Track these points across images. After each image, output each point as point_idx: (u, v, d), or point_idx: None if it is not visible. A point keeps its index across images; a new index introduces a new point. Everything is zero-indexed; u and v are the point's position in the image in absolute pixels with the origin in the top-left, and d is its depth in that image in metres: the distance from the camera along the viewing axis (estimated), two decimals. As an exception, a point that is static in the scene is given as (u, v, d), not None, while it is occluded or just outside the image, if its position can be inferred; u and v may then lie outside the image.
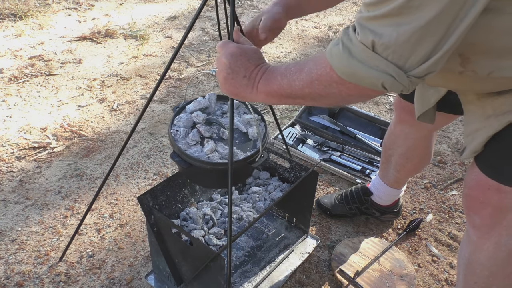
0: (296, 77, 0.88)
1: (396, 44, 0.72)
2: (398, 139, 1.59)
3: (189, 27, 1.16)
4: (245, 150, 1.24)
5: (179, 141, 1.22)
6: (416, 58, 0.73)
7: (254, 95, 0.96)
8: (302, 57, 3.24)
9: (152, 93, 1.31)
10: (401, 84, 0.76)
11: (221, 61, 0.97)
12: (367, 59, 0.76)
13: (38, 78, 2.80)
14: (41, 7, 3.76)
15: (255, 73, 0.95)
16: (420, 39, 0.71)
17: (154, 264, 1.54)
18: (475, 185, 1.05)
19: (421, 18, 0.69)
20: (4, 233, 1.75)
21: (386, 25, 0.72)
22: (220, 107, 1.38)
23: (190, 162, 1.18)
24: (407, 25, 0.70)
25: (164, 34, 3.49)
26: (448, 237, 1.84)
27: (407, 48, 0.72)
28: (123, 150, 1.49)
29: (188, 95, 2.73)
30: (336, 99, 0.89)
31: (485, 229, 1.08)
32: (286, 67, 0.92)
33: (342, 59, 0.79)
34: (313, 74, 0.86)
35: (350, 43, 0.78)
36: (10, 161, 2.12)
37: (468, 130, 1.02)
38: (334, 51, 0.81)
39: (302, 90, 0.88)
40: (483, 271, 1.13)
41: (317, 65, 0.85)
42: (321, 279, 1.62)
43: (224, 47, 0.99)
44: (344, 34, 0.80)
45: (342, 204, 1.85)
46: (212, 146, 1.21)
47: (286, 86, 0.90)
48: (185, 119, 1.27)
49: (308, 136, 2.35)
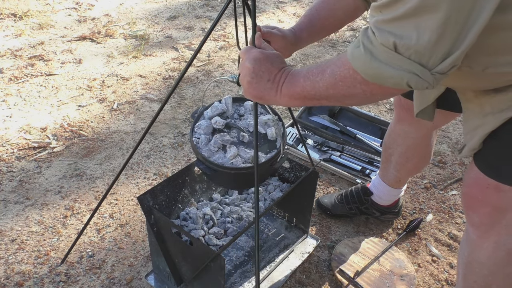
0: (319, 79, 0.91)
1: (417, 44, 0.73)
2: (398, 138, 1.60)
3: (209, 32, 1.16)
4: (265, 151, 1.25)
5: (202, 149, 1.24)
6: (438, 55, 0.74)
7: (278, 98, 0.99)
8: (302, 57, 3.24)
9: (167, 97, 1.31)
10: (426, 81, 0.77)
11: (245, 66, 0.99)
12: (390, 60, 0.77)
13: (38, 78, 2.80)
14: (41, 7, 3.76)
15: (278, 76, 0.98)
16: (440, 37, 0.72)
17: (154, 264, 1.54)
18: (474, 183, 1.05)
19: (438, 16, 0.70)
20: (4, 233, 1.75)
21: (404, 26, 0.74)
22: (237, 109, 1.39)
23: (214, 169, 1.20)
24: (425, 24, 0.71)
25: (164, 34, 3.49)
26: (448, 237, 1.84)
27: (428, 46, 0.73)
28: (133, 153, 1.48)
29: (188, 95, 2.73)
30: (360, 99, 0.91)
31: (484, 228, 1.08)
32: (308, 70, 0.94)
33: (365, 61, 0.81)
34: (336, 75, 0.88)
35: (371, 45, 0.79)
36: (10, 161, 2.12)
37: (467, 128, 1.03)
38: (355, 54, 0.82)
39: (326, 91, 0.91)
40: (483, 270, 1.13)
41: (340, 66, 0.87)
42: (321, 279, 1.62)
43: (247, 52, 1.01)
44: (363, 36, 0.82)
45: (342, 204, 1.85)
46: (235, 152, 1.23)
47: (310, 88, 0.93)
48: (205, 126, 1.28)
49: (308, 136, 2.35)
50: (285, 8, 4.09)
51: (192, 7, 4.00)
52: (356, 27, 3.75)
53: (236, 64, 3.10)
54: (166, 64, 3.06)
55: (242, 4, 1.13)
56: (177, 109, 2.59)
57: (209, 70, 3.01)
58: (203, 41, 1.18)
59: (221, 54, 3.23)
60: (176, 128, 2.42)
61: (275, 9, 4.07)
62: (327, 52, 3.33)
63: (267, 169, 1.24)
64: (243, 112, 1.38)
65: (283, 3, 4.18)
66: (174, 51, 3.24)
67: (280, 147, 1.24)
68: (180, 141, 2.32)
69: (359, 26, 3.76)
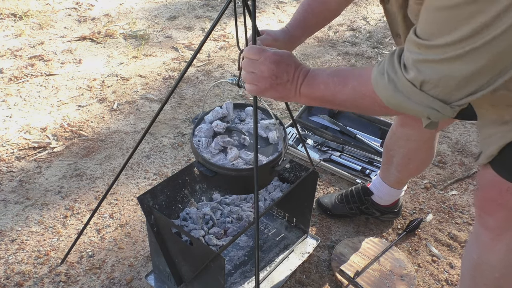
0: (339, 90, 0.93)
1: (445, 85, 0.76)
2: (400, 141, 1.58)
3: (209, 32, 1.16)
4: (268, 154, 1.25)
5: (203, 151, 1.24)
6: (462, 94, 0.77)
7: (297, 97, 1.01)
8: (302, 57, 3.24)
9: (168, 97, 1.31)
10: (445, 114, 0.80)
11: (263, 68, 0.98)
12: (413, 95, 0.80)
13: (38, 78, 2.80)
14: (41, 7, 3.76)
15: (296, 76, 0.99)
16: (469, 81, 0.75)
17: (154, 264, 1.54)
18: (491, 186, 1.03)
19: (474, 67, 0.72)
20: (4, 233, 1.75)
21: (438, 69, 0.75)
22: (238, 115, 1.39)
23: (215, 171, 1.19)
24: (459, 71, 0.74)
25: (164, 34, 3.49)
26: (448, 237, 1.84)
27: (455, 87, 0.76)
28: (133, 153, 1.48)
29: (188, 95, 2.73)
30: (376, 114, 0.99)
31: (498, 231, 1.08)
32: (328, 76, 0.96)
33: (388, 91, 0.83)
34: (357, 93, 0.91)
35: (395, 77, 0.81)
36: (10, 161, 2.12)
37: (483, 135, 1.01)
38: (379, 81, 0.84)
39: (345, 102, 0.95)
40: (494, 273, 1.12)
41: (362, 86, 0.90)
42: (321, 279, 1.62)
43: (262, 54, 0.99)
44: (389, 65, 0.83)
45: (342, 204, 1.85)
46: (236, 153, 1.22)
47: (330, 97, 0.96)
48: (206, 129, 1.28)
49: (308, 136, 2.35)
50: (285, 8, 4.09)
51: (192, 7, 4.00)
52: (356, 27, 3.75)
53: (236, 65, 3.10)
54: (166, 64, 3.06)
55: (242, 4, 1.13)
56: (177, 109, 2.59)
57: (209, 70, 3.01)
58: (203, 41, 1.18)
59: (221, 54, 3.23)
60: (176, 128, 2.42)
61: (275, 9, 4.07)
62: (327, 52, 3.33)
63: (269, 172, 1.23)
64: (244, 117, 1.38)
65: (283, 3, 4.18)
66: (174, 51, 3.24)
67: (282, 150, 1.24)
68: (180, 141, 2.32)
69: (359, 26, 3.76)
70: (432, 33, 0.75)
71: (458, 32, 0.70)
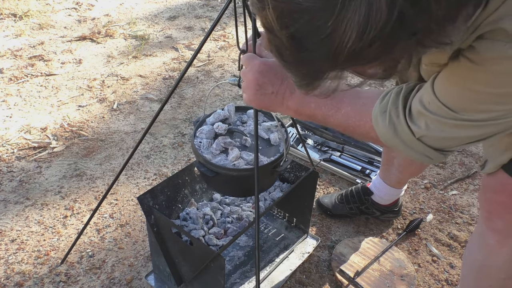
0: (331, 114, 0.92)
1: (443, 140, 0.78)
2: None
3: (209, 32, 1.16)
4: (269, 155, 1.25)
5: (204, 152, 1.23)
6: (457, 146, 0.80)
7: (284, 109, 0.99)
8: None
9: (168, 97, 1.31)
10: (437, 160, 0.82)
11: (248, 77, 0.98)
12: (411, 143, 0.81)
13: (38, 78, 2.80)
14: (41, 7, 3.76)
15: (283, 89, 0.96)
16: (473, 140, 0.77)
17: (154, 264, 1.54)
18: (503, 189, 1.03)
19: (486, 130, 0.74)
20: (4, 233, 1.75)
21: (449, 130, 0.76)
22: (240, 117, 1.39)
23: (216, 171, 1.18)
24: (468, 133, 0.75)
25: (164, 34, 3.49)
26: (448, 237, 1.84)
27: (451, 142, 0.78)
28: (133, 153, 1.48)
29: (188, 95, 2.73)
30: (367, 141, 0.96)
31: (505, 234, 1.07)
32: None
33: (386, 132, 0.83)
34: (351, 121, 0.90)
35: (397, 121, 0.81)
36: (10, 161, 2.12)
37: (487, 142, 0.99)
38: (380, 120, 0.84)
39: (337, 126, 0.94)
40: (500, 274, 1.12)
41: (357, 116, 0.89)
42: (321, 279, 1.62)
43: (250, 62, 0.98)
44: (392, 106, 0.82)
45: (342, 204, 1.85)
46: (237, 154, 1.22)
47: (320, 118, 0.94)
48: (207, 130, 1.28)
49: (308, 136, 2.35)
50: (285, 8, 4.09)
51: (192, 7, 4.00)
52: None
53: (236, 65, 3.10)
54: (166, 64, 3.06)
55: (242, 4, 1.13)
56: (177, 109, 2.59)
57: (209, 70, 3.01)
58: (203, 41, 1.18)
59: (221, 54, 3.23)
60: (176, 128, 2.42)
61: (275, 9, 4.06)
62: (327, 52, 3.33)
63: (271, 172, 1.23)
64: (246, 119, 1.39)
65: (283, 3, 4.17)
66: (174, 51, 3.24)
67: (284, 151, 1.24)
68: (180, 141, 2.32)
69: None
70: (463, 108, 0.73)
71: (492, 113, 0.71)
